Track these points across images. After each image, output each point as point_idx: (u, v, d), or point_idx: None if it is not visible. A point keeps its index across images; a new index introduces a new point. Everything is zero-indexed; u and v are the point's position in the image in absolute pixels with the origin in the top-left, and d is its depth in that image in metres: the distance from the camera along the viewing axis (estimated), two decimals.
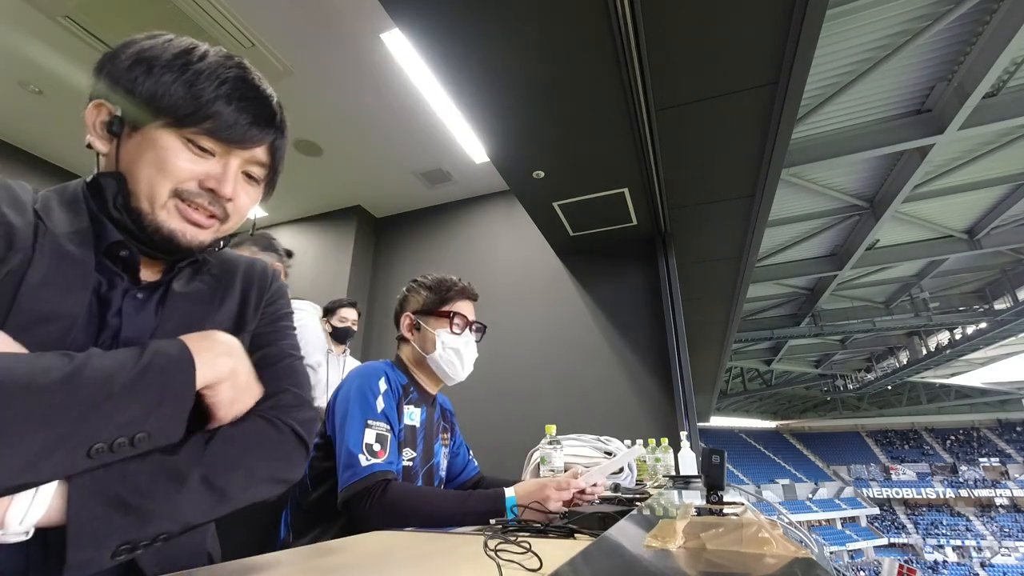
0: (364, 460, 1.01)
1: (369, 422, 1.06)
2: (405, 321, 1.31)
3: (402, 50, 2.56)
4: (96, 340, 0.53)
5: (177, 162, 0.55)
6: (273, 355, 0.67)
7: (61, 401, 0.40)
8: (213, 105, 0.55)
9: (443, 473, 1.34)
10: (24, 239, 0.50)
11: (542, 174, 2.59)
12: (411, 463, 1.16)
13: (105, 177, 0.55)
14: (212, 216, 0.58)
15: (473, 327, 1.33)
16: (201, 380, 0.50)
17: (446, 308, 1.29)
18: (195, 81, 0.54)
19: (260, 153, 0.61)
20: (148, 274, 0.60)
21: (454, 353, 1.26)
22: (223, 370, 0.53)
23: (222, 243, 0.65)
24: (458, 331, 1.28)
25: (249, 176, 0.62)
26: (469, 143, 3.29)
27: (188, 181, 0.56)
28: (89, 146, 0.58)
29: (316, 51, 2.61)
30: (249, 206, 0.63)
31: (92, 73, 0.58)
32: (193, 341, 0.52)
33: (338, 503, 0.99)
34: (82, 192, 0.57)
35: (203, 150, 0.56)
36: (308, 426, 0.63)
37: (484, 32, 1.77)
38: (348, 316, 2.66)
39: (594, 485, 1.09)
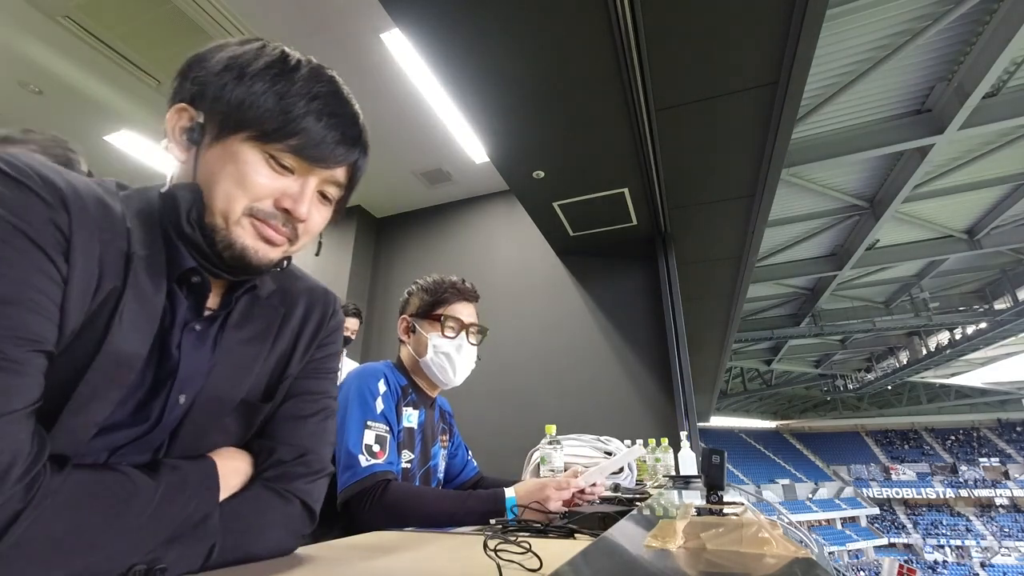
0: (364, 461, 1.01)
1: (368, 423, 1.06)
2: (401, 324, 1.31)
3: (402, 50, 2.56)
4: (154, 379, 0.52)
5: (257, 178, 0.52)
6: (305, 407, 0.65)
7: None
8: (302, 121, 0.52)
9: (440, 476, 1.34)
10: (115, 271, 0.48)
11: (542, 174, 2.59)
12: (409, 465, 1.16)
13: (181, 189, 0.53)
14: (283, 235, 0.56)
15: (470, 330, 1.30)
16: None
17: (439, 311, 1.27)
18: (286, 93, 0.52)
19: (339, 173, 0.59)
20: (208, 299, 0.58)
21: (445, 358, 1.23)
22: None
23: (285, 263, 0.63)
24: (451, 334, 1.25)
25: (323, 196, 0.60)
26: (469, 143, 3.29)
27: (264, 199, 0.53)
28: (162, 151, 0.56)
29: (316, 51, 2.61)
30: (320, 226, 0.61)
31: (176, 75, 0.56)
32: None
33: (338, 504, 0.99)
34: (157, 205, 0.54)
35: (283, 167, 0.54)
36: (317, 494, 0.62)
37: (484, 32, 1.77)
38: (350, 325, 2.67)
39: (593, 485, 1.09)
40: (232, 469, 0.57)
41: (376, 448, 1.04)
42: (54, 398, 0.43)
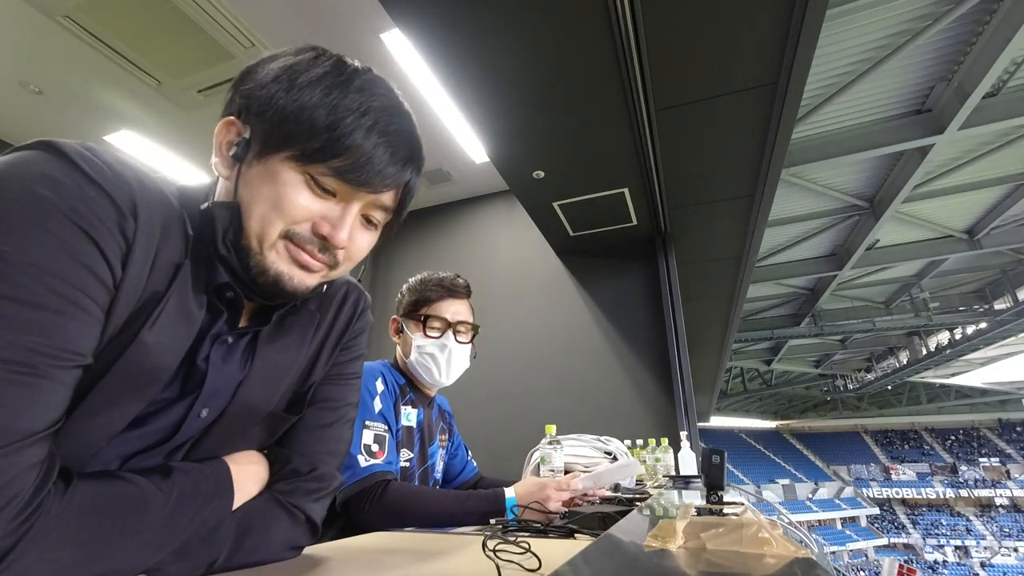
0: (363, 461, 1.00)
1: (367, 423, 1.05)
2: (392, 325, 1.30)
3: (402, 50, 2.56)
4: (180, 391, 0.51)
5: (296, 199, 0.49)
6: (324, 416, 0.64)
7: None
8: (348, 138, 0.48)
9: (438, 475, 1.33)
10: (162, 278, 0.46)
11: (542, 174, 2.59)
12: (408, 464, 1.16)
13: (220, 207, 0.50)
14: (320, 261, 0.53)
15: (457, 328, 1.25)
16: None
17: (422, 311, 1.24)
18: (336, 107, 0.49)
19: (386, 197, 0.54)
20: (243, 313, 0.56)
21: (429, 358, 1.21)
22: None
23: (324, 287, 0.61)
24: (435, 334, 1.22)
25: (368, 220, 0.56)
26: (469, 143, 3.29)
27: (302, 223, 0.50)
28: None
29: None
30: (364, 251, 0.57)
31: (231, 86, 0.53)
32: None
33: (337, 504, 0.99)
34: (198, 219, 0.52)
35: (324, 190, 0.50)
36: (323, 510, 0.61)
37: (484, 32, 1.77)
38: None
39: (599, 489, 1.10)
40: (252, 474, 0.56)
41: (375, 448, 1.04)
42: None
